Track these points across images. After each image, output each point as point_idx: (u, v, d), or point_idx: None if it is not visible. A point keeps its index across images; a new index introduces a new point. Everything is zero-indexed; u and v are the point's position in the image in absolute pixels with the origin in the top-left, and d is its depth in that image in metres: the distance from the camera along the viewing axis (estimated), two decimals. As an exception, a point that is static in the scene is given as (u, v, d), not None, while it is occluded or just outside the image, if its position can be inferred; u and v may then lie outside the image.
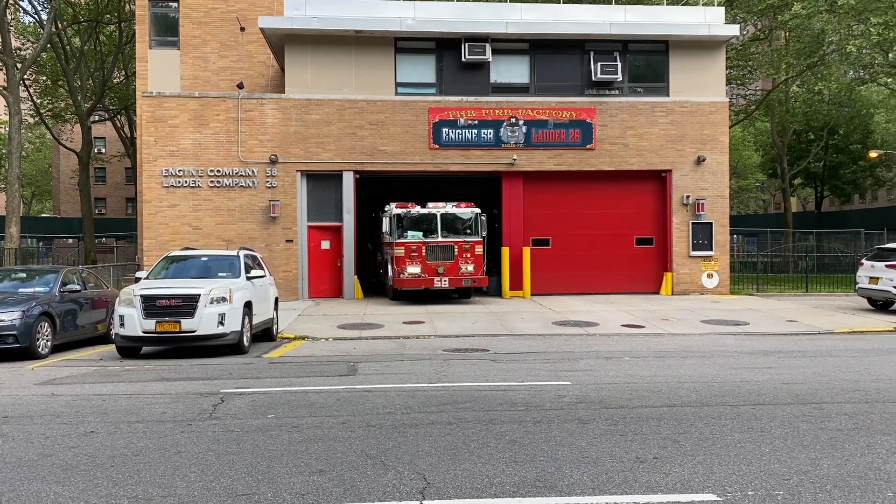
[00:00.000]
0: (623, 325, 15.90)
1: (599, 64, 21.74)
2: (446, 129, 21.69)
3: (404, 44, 21.77)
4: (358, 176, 21.41)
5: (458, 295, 20.29)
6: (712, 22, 22.19)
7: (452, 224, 19.60)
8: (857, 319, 17.07)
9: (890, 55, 29.12)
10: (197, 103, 20.81)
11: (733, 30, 22.95)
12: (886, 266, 18.42)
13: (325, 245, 21.50)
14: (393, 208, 19.57)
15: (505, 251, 21.62)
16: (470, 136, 21.82)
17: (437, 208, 19.57)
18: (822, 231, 33.52)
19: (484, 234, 19.73)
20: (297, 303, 20.02)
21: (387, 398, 7.53)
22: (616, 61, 21.88)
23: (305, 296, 21.01)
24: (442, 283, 18.99)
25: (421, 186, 25.75)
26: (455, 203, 20.07)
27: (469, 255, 19.17)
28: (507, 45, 21.94)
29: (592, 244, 22.16)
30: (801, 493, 4.52)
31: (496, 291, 21.87)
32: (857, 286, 19.74)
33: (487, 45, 21.47)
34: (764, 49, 38.12)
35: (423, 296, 19.54)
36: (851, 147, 45.86)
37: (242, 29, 24.14)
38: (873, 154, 40.47)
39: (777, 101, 38.89)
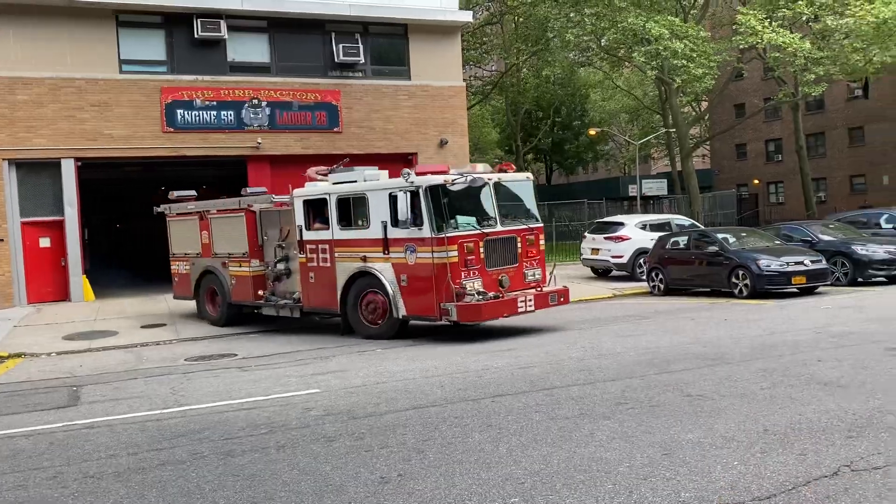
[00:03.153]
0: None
1: (341, 45, 21.51)
2: (181, 111, 20.22)
3: (127, 17, 19.83)
4: (80, 163, 19.24)
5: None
6: (448, 7, 22.89)
7: (508, 201, 12.30)
8: (583, 288, 18.79)
9: (602, 42, 32.22)
10: None
11: (467, 15, 23.93)
12: (605, 238, 20.52)
13: (45, 243, 19.10)
14: (412, 176, 11.31)
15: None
16: (209, 118, 20.56)
17: (478, 172, 11.85)
18: (553, 202, 36.62)
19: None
20: (14, 311, 17.60)
21: (112, 435, 6.74)
22: (358, 43, 21.79)
23: (24, 301, 18.55)
24: (526, 304, 11.73)
25: (156, 172, 23.89)
26: (494, 164, 12.15)
27: (534, 253, 12.32)
28: (244, 22, 20.87)
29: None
30: (534, 498, 4.71)
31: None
32: (581, 256, 21.79)
33: (222, 21, 20.26)
34: (497, 32, 40.39)
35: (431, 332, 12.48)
36: (574, 124, 50.54)
37: (-79, -8, 20.38)
38: (592, 131, 44.91)
39: (510, 82, 41.47)
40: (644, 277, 18.76)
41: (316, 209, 12.88)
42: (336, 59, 21.56)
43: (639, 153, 45.36)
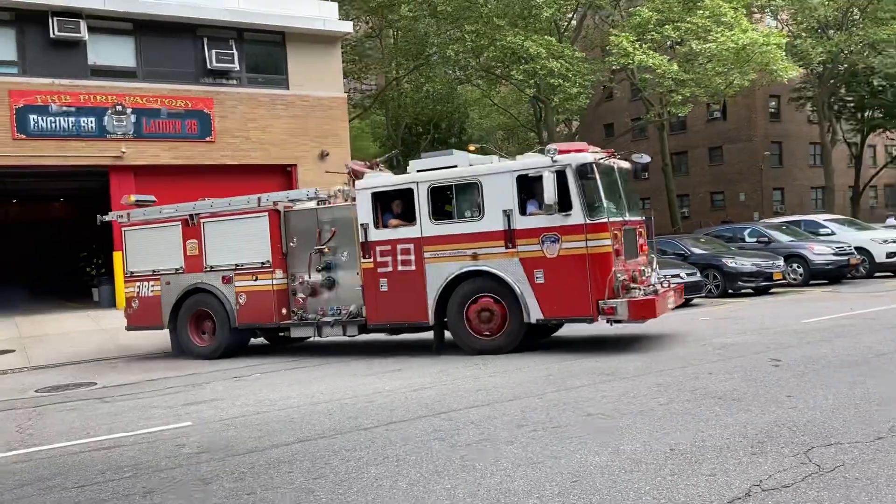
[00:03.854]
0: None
1: (215, 51, 20.48)
2: (35, 117, 18.56)
3: (-29, 13, 18.01)
4: (-87, 172, 17.20)
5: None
6: (327, 17, 22.32)
7: (626, 188, 11.20)
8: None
9: (481, 59, 32.49)
10: None
11: (347, 26, 23.43)
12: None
13: None
14: (557, 154, 9.92)
15: (117, 255, 19.25)
16: (67, 125, 18.98)
17: (592, 151, 10.42)
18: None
19: None
20: None
21: (-62, 489, 5.72)
22: (232, 50, 20.83)
23: None
24: (666, 302, 10.68)
25: (7, 183, 21.86)
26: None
27: (646, 247, 11.52)
28: (106, 23, 19.46)
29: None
30: (441, 540, 4.26)
31: (110, 301, 19.51)
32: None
33: (82, 21, 18.80)
34: (377, 46, 40.03)
35: None
36: (452, 140, 50.98)
37: None
38: (471, 147, 45.27)
39: (390, 96, 41.20)
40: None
41: (388, 203, 11.10)
42: (209, 66, 20.49)
43: (516, 169, 46.18)
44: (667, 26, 28.10)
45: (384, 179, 11.26)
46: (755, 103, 44.57)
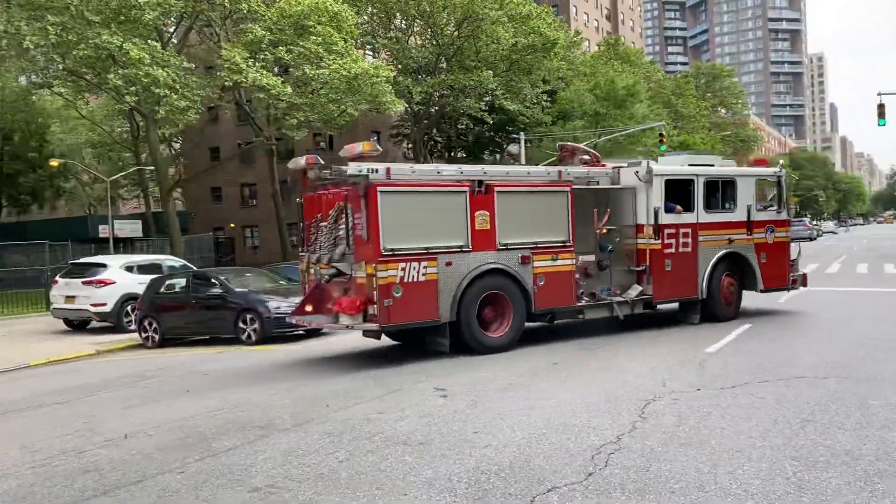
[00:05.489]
0: None
1: None
2: None
3: None
4: None
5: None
6: None
7: None
8: (57, 346, 15.20)
9: (67, 59, 27.83)
10: None
11: None
12: (83, 283, 17.03)
13: None
14: (782, 164, 14.65)
15: None
16: None
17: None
18: (1, 244, 30.22)
19: None
20: None
21: None
22: None
23: None
24: None
25: None
26: None
27: None
28: None
29: None
30: None
31: None
32: (53, 307, 17.79)
33: None
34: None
35: None
36: (30, 155, 43.64)
37: None
38: (54, 163, 39.32)
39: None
40: (134, 328, 15.99)
41: (671, 191, 12.14)
42: None
43: (109, 192, 41.14)
44: (280, 48, 27.35)
45: (674, 168, 12.68)
46: (358, 137, 46.42)
